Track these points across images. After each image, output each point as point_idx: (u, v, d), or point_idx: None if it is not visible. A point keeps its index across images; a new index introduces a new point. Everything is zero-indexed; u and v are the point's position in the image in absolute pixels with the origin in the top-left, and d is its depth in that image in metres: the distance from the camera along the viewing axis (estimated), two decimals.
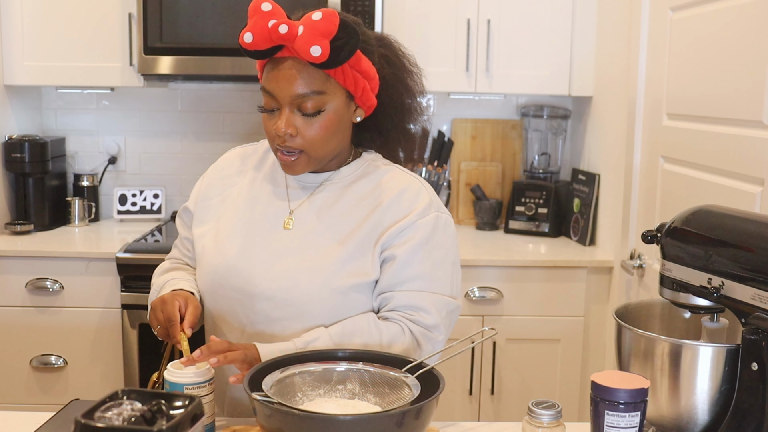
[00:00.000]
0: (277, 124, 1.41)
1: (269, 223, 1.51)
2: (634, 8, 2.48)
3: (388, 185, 1.50)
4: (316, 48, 1.34)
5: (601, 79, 2.89)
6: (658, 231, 1.30)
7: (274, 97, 1.41)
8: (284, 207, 1.52)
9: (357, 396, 1.29)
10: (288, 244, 1.48)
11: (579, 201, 3.03)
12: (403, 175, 1.52)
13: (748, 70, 1.80)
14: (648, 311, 1.40)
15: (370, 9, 2.79)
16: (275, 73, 1.40)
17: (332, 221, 1.48)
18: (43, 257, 2.73)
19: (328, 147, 1.45)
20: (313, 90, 1.39)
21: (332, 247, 1.46)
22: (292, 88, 1.39)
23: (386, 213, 1.47)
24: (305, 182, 1.53)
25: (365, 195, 1.50)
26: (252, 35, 1.38)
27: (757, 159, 1.78)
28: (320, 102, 1.40)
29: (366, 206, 1.48)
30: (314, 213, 1.50)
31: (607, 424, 1.14)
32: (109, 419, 0.95)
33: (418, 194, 1.49)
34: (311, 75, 1.39)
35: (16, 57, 2.96)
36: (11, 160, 2.98)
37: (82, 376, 2.78)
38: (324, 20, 1.35)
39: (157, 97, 3.33)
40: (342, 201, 1.50)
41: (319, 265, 1.44)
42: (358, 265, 1.45)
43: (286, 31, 1.35)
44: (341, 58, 1.36)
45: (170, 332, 1.39)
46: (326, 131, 1.42)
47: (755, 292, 1.13)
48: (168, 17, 2.83)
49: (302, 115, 1.41)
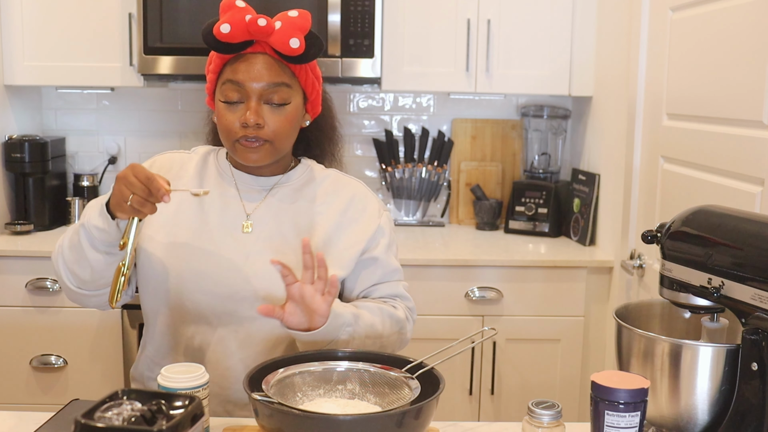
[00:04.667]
0: (246, 115, 1.46)
1: (227, 226, 1.53)
2: (634, 8, 2.48)
3: (337, 189, 1.60)
4: (295, 40, 1.44)
5: (601, 79, 2.89)
6: (658, 231, 1.30)
7: (242, 88, 1.47)
8: (239, 211, 1.55)
9: (357, 396, 1.30)
10: (251, 247, 1.52)
11: (579, 201, 3.03)
12: (347, 179, 1.64)
13: (748, 70, 1.80)
14: (648, 311, 1.40)
15: (370, 9, 2.79)
16: (246, 65, 1.47)
17: (291, 223, 1.55)
18: (43, 257, 2.73)
19: (288, 141, 1.53)
20: (283, 81, 1.48)
21: (296, 247, 1.51)
22: (264, 78, 1.46)
23: (344, 217, 1.57)
24: (257, 185, 1.57)
25: (318, 198, 1.59)
26: (230, 26, 1.43)
27: (757, 159, 1.78)
28: (287, 94, 1.48)
29: (322, 209, 1.58)
30: (272, 216, 1.55)
31: (607, 424, 1.14)
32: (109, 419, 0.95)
33: (367, 197, 1.62)
34: (281, 68, 1.48)
35: (16, 57, 2.96)
36: (11, 160, 2.98)
37: (82, 376, 2.78)
38: (301, 18, 1.46)
39: (157, 97, 3.33)
40: (297, 204, 1.57)
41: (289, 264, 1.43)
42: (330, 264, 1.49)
43: (265, 24, 1.43)
44: (312, 54, 1.47)
45: (154, 187, 1.30)
46: (290, 125, 1.50)
47: (755, 292, 1.13)
48: (168, 17, 2.83)
49: (270, 107, 1.47)
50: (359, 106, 3.34)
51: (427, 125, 3.33)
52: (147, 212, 1.33)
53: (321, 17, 2.80)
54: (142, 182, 1.31)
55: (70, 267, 1.48)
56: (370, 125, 3.35)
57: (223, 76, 1.50)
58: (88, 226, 1.41)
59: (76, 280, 1.49)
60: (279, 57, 1.47)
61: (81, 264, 1.45)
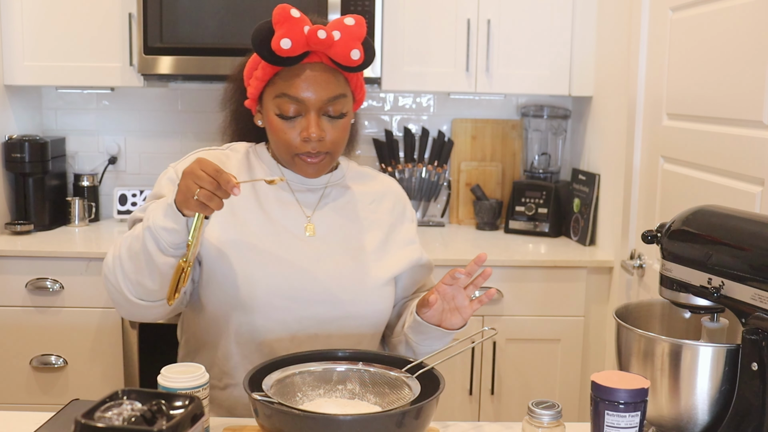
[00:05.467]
0: (309, 130, 1.43)
1: (291, 229, 1.51)
2: (634, 8, 2.48)
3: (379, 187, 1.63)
4: (356, 52, 1.41)
5: (601, 79, 2.89)
6: (658, 231, 1.30)
7: (301, 103, 1.43)
8: (299, 213, 1.53)
9: (357, 396, 1.30)
10: (319, 248, 1.51)
11: (579, 201, 3.03)
12: (381, 176, 1.67)
13: (748, 70, 1.80)
14: (648, 311, 1.40)
15: (370, 9, 2.79)
16: (304, 79, 1.43)
17: (351, 223, 1.56)
18: (43, 257, 2.73)
19: (343, 148, 1.53)
20: (340, 93, 1.45)
21: (362, 246, 1.53)
22: (325, 91, 1.43)
23: (393, 215, 1.61)
24: (310, 185, 1.55)
25: (366, 194, 1.61)
26: (290, 41, 1.38)
27: (757, 159, 1.78)
28: (343, 104, 1.47)
29: (373, 205, 1.60)
30: (331, 217, 1.55)
31: (607, 424, 1.14)
32: (109, 419, 0.95)
33: (402, 193, 1.67)
34: (338, 78, 1.46)
35: (16, 57, 2.96)
36: (11, 160, 2.98)
37: (82, 376, 2.78)
38: (358, 26, 1.43)
39: (157, 97, 3.33)
40: (352, 202, 1.58)
41: (362, 265, 1.51)
42: (389, 261, 1.55)
43: (325, 36, 1.39)
44: (369, 62, 1.45)
45: (223, 180, 1.25)
46: (346, 132, 1.50)
47: (755, 292, 1.13)
48: (168, 17, 2.83)
49: (329, 118, 1.45)
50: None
51: (427, 125, 3.33)
52: (214, 207, 1.27)
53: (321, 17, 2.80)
54: (210, 175, 1.25)
55: (133, 278, 1.38)
56: (370, 125, 3.35)
57: (275, 88, 1.45)
58: (155, 229, 1.32)
59: (140, 291, 1.39)
60: (335, 65, 1.44)
61: (148, 272, 1.36)
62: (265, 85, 1.47)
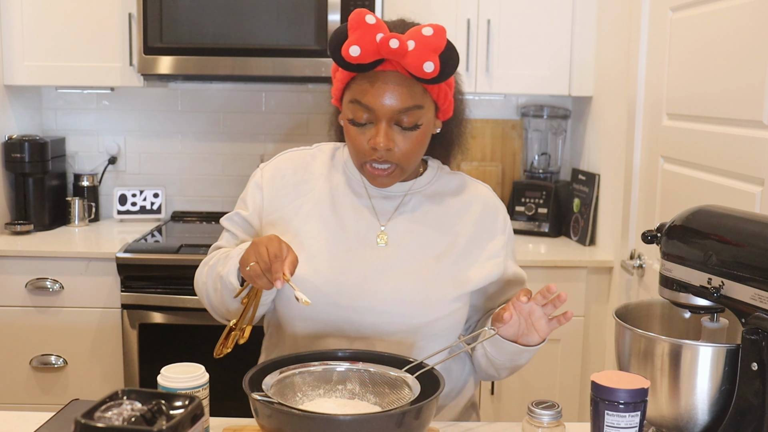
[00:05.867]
0: (376, 139, 1.39)
1: (361, 237, 1.49)
2: (634, 8, 2.48)
3: (468, 197, 1.55)
4: (429, 64, 1.34)
5: (601, 79, 2.89)
6: (658, 231, 1.30)
7: (371, 111, 1.39)
8: (373, 221, 1.50)
9: (357, 396, 1.30)
10: (388, 258, 1.47)
11: (579, 201, 3.03)
12: (475, 185, 1.59)
13: (748, 70, 1.80)
14: (648, 311, 1.40)
15: (370, 9, 2.79)
16: (376, 88, 1.38)
17: (427, 234, 1.50)
18: (43, 257, 2.73)
19: (418, 160, 1.47)
20: (415, 104, 1.39)
21: (436, 258, 1.48)
22: (394, 102, 1.38)
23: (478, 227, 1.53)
24: (389, 192, 1.51)
25: (451, 205, 1.54)
26: (359, 49, 1.35)
27: (757, 159, 1.78)
28: (418, 116, 1.40)
29: (456, 217, 1.52)
30: (407, 227, 1.50)
31: (607, 424, 1.14)
32: (109, 419, 0.95)
33: (496, 204, 1.57)
34: (412, 89, 1.39)
35: (16, 57, 2.96)
36: (11, 160, 2.98)
37: (82, 376, 2.78)
38: (436, 36, 1.36)
39: (157, 97, 3.33)
40: (432, 213, 1.52)
41: (430, 277, 1.46)
42: (463, 276, 1.48)
43: (398, 46, 1.33)
44: (447, 74, 1.38)
45: (274, 268, 1.27)
46: (420, 145, 1.44)
47: (755, 292, 1.13)
48: (168, 17, 2.83)
49: (400, 129, 1.40)
50: None
51: None
52: (260, 285, 1.30)
53: (321, 17, 2.81)
54: (269, 256, 1.28)
55: (215, 307, 1.49)
56: None
57: (349, 92, 1.42)
58: (226, 281, 1.41)
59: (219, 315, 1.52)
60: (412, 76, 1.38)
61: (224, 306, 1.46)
62: (344, 87, 1.44)
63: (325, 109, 3.65)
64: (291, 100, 3.32)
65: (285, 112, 3.32)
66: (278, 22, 2.82)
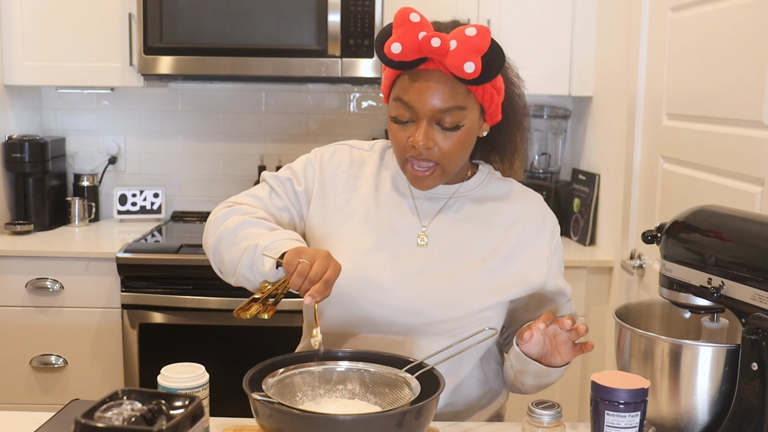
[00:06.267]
0: (416, 136, 1.38)
1: (401, 237, 1.48)
2: (634, 8, 2.48)
3: (516, 205, 1.53)
4: (470, 65, 1.33)
5: (601, 79, 2.89)
6: (658, 231, 1.30)
7: (412, 109, 1.38)
8: (414, 221, 1.50)
9: (357, 396, 1.30)
10: (426, 260, 1.47)
11: (579, 201, 3.03)
12: (525, 193, 1.56)
13: (748, 70, 1.80)
14: (648, 311, 1.40)
15: (370, 9, 2.79)
16: (418, 86, 1.37)
17: (468, 238, 1.49)
18: (43, 257, 2.73)
19: (460, 161, 1.45)
20: (456, 105, 1.38)
21: (474, 263, 1.47)
22: (435, 102, 1.37)
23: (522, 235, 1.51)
24: (434, 193, 1.51)
25: (497, 211, 1.52)
26: (401, 46, 1.35)
27: (757, 159, 1.78)
28: (460, 117, 1.39)
29: (500, 224, 1.51)
30: (448, 229, 1.49)
31: (607, 424, 1.14)
32: (109, 419, 0.95)
33: (544, 214, 1.54)
34: (455, 89, 1.37)
35: (16, 57, 2.96)
36: (11, 160, 2.99)
37: (82, 376, 2.78)
38: (479, 36, 1.34)
39: (157, 97, 3.33)
40: (475, 217, 1.50)
41: (466, 282, 1.45)
42: (500, 285, 1.47)
43: (439, 45, 1.33)
44: (490, 75, 1.36)
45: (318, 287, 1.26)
46: (462, 146, 1.42)
47: (755, 292, 1.13)
48: (168, 17, 2.83)
49: (441, 129, 1.39)
50: (359, 106, 3.34)
51: None
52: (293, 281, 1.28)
53: (321, 17, 2.80)
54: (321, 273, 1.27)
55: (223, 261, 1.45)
56: (370, 125, 3.35)
57: (395, 90, 1.42)
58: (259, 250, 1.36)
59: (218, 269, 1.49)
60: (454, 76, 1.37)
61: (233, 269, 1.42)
62: (391, 85, 1.45)
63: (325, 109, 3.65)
64: (291, 100, 3.32)
65: (285, 112, 3.33)
66: (278, 22, 2.82)
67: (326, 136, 3.31)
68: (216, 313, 2.68)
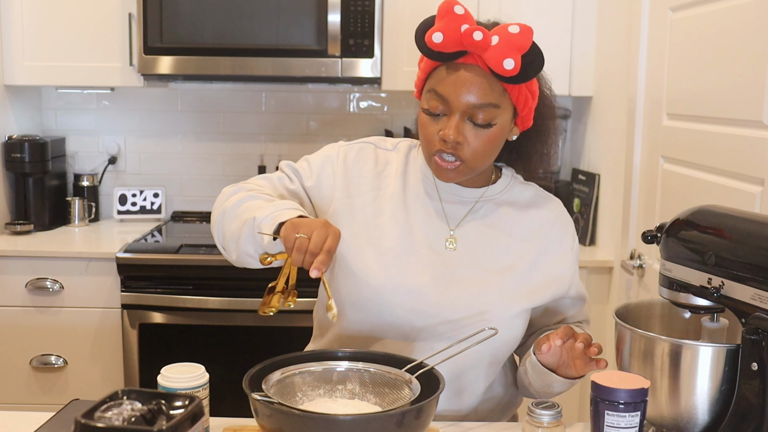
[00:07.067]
0: (446, 130, 1.37)
1: (430, 240, 1.47)
2: (634, 8, 2.48)
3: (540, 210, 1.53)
4: (509, 61, 1.32)
5: (601, 79, 2.89)
6: (658, 231, 1.30)
7: (446, 102, 1.37)
8: (442, 225, 1.48)
9: (357, 396, 1.30)
10: (456, 265, 1.46)
11: (579, 201, 3.03)
12: (547, 198, 1.56)
13: (748, 70, 1.80)
14: (648, 311, 1.40)
15: (370, 9, 2.79)
16: (454, 78, 1.36)
17: (495, 243, 1.48)
18: (43, 257, 2.73)
19: (487, 161, 1.43)
20: (491, 102, 1.37)
21: (502, 270, 1.46)
22: (470, 96, 1.36)
23: (546, 241, 1.50)
24: (461, 197, 1.50)
25: (523, 216, 1.51)
26: (442, 36, 1.35)
27: (757, 159, 1.78)
28: (493, 115, 1.37)
29: (527, 230, 1.50)
30: (476, 233, 1.48)
31: (607, 424, 1.14)
32: (109, 419, 0.95)
33: (566, 220, 1.55)
34: (491, 86, 1.36)
35: (16, 57, 2.96)
36: (11, 160, 2.99)
37: (82, 376, 2.78)
38: (521, 35, 1.34)
39: (157, 97, 3.33)
40: (501, 223, 1.49)
41: (494, 289, 1.44)
42: (526, 291, 1.47)
43: (481, 38, 1.33)
44: (529, 75, 1.35)
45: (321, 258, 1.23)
46: (491, 145, 1.40)
47: (755, 292, 1.13)
48: (168, 17, 2.83)
49: (473, 125, 1.38)
50: (359, 106, 3.34)
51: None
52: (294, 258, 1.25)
53: (321, 17, 2.80)
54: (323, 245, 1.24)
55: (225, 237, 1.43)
56: (370, 125, 3.35)
57: (429, 82, 1.41)
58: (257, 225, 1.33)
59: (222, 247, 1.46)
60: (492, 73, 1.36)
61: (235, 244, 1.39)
62: (426, 78, 1.44)
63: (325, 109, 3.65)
64: (291, 100, 3.32)
65: (285, 112, 3.33)
66: (278, 22, 2.82)
67: (326, 136, 3.31)
68: (216, 313, 2.68)
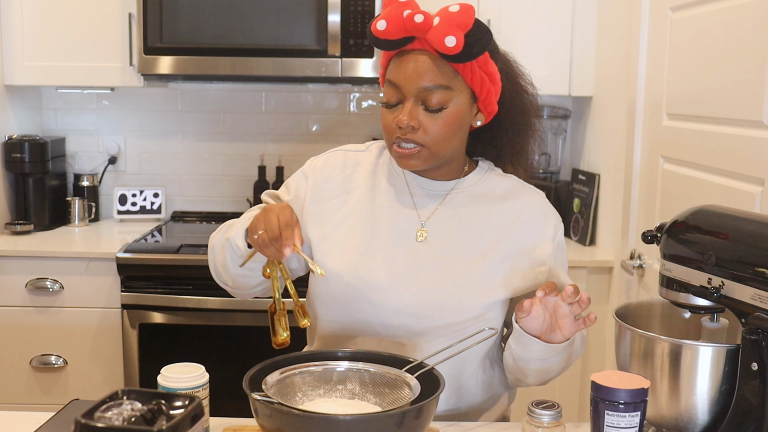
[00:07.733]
0: (399, 116, 1.38)
1: (399, 234, 1.47)
2: (634, 8, 2.48)
3: (515, 201, 1.51)
4: (450, 38, 1.33)
5: (601, 79, 2.89)
6: (658, 231, 1.30)
7: (399, 89, 1.39)
8: (413, 217, 1.48)
9: (357, 396, 1.30)
10: (424, 257, 1.46)
11: (579, 201, 3.03)
12: (524, 189, 1.55)
13: (748, 70, 1.80)
14: (648, 311, 1.40)
15: (370, 9, 2.79)
16: (404, 65, 1.39)
17: (467, 234, 1.47)
18: (43, 257, 2.73)
19: (448, 146, 1.43)
20: (441, 84, 1.38)
21: (473, 260, 1.45)
22: (420, 79, 1.37)
23: (522, 232, 1.49)
24: (431, 190, 1.50)
25: (496, 208, 1.50)
26: (386, 23, 1.36)
27: (757, 159, 1.78)
28: (446, 97, 1.39)
29: (500, 221, 1.49)
30: (447, 224, 1.48)
31: (607, 424, 1.14)
32: (109, 419, 0.95)
33: (545, 211, 1.53)
34: (440, 69, 1.37)
35: (16, 57, 2.96)
36: (11, 160, 2.98)
37: (82, 376, 2.78)
38: (461, 13, 1.35)
39: (157, 97, 3.33)
40: (474, 213, 1.49)
41: (464, 280, 1.44)
42: (499, 281, 1.46)
43: (422, 20, 1.34)
44: (473, 53, 1.35)
45: (284, 235, 1.28)
46: (448, 128, 1.40)
47: (755, 292, 1.13)
48: (168, 17, 2.83)
49: (426, 110, 1.39)
50: (359, 106, 3.34)
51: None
52: (268, 254, 1.32)
53: (321, 17, 2.80)
54: (279, 225, 1.29)
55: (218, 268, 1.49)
56: (370, 125, 3.35)
57: (387, 74, 1.43)
58: (232, 241, 1.41)
59: (221, 280, 1.51)
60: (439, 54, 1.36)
61: (226, 271, 1.46)
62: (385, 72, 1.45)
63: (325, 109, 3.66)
64: (291, 100, 3.32)
65: (285, 112, 3.33)
66: (278, 22, 2.82)
67: (326, 136, 3.31)
68: (216, 313, 2.69)
